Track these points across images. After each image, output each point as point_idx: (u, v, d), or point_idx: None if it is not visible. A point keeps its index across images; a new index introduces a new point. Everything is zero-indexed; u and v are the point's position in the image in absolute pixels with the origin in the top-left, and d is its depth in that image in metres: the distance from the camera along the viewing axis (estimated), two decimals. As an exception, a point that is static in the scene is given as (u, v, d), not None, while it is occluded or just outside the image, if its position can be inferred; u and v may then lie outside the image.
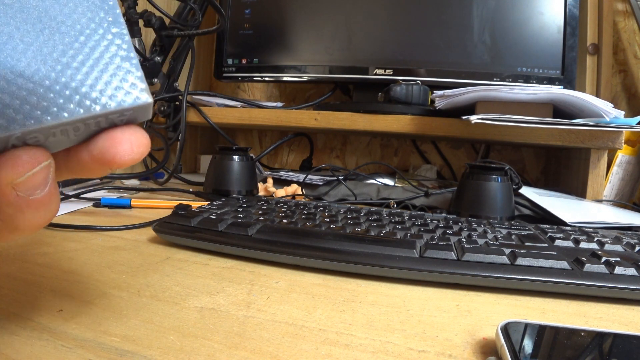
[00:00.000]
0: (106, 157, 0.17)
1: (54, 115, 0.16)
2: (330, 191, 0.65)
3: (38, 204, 0.16)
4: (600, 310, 0.27)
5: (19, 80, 0.16)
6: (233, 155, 0.61)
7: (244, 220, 0.39)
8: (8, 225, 0.17)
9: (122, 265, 0.32)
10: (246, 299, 0.27)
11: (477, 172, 0.52)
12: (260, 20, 0.86)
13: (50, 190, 0.16)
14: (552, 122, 0.54)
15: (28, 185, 0.16)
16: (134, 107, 0.17)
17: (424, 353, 0.21)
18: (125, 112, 0.17)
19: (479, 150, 0.94)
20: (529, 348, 0.19)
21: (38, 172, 0.16)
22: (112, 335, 0.22)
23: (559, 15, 0.72)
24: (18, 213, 0.16)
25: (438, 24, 0.76)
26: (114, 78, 0.17)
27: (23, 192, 0.16)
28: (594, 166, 0.63)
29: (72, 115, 0.16)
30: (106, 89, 0.16)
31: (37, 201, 0.16)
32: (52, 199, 0.17)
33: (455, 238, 0.35)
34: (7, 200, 0.16)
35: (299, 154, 1.07)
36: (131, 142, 0.17)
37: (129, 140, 0.17)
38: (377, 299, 0.28)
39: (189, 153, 1.00)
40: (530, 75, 0.73)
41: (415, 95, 0.72)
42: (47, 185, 0.16)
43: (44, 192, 0.16)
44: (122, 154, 0.17)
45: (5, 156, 0.15)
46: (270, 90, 1.09)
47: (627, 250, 0.34)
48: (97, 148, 0.17)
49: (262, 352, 0.21)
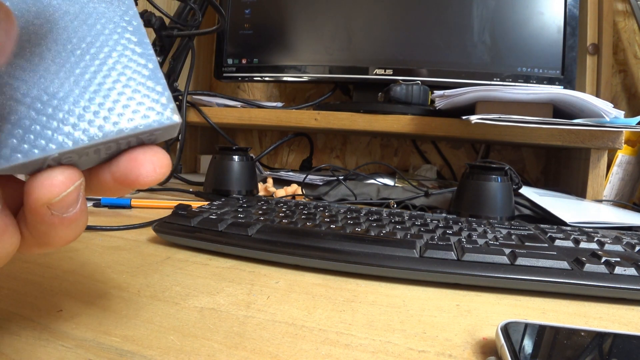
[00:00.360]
0: (130, 179, 0.17)
1: (89, 136, 0.16)
2: (330, 191, 0.65)
3: (70, 222, 0.17)
4: (600, 310, 0.27)
5: (54, 102, 0.16)
6: (233, 155, 0.61)
7: (244, 220, 0.39)
8: (39, 241, 0.17)
9: (122, 265, 0.32)
10: (246, 299, 0.27)
11: (477, 172, 0.51)
12: (260, 20, 0.86)
13: (81, 207, 0.17)
14: (552, 122, 0.54)
15: (62, 205, 0.16)
16: (163, 127, 0.17)
17: (424, 353, 0.21)
18: (155, 132, 0.17)
19: (479, 150, 0.94)
20: (529, 348, 0.19)
21: (72, 192, 0.16)
22: (112, 335, 0.22)
23: (559, 15, 0.72)
24: (51, 230, 0.17)
25: (438, 24, 0.76)
26: (145, 99, 0.17)
27: (57, 211, 0.16)
28: (594, 166, 0.63)
29: (106, 135, 0.16)
30: (138, 110, 0.17)
31: (69, 219, 0.17)
32: (83, 215, 0.17)
33: (455, 238, 0.35)
34: (42, 219, 0.16)
35: (299, 154, 1.07)
36: (153, 163, 0.17)
37: (151, 161, 0.17)
38: (377, 299, 0.28)
39: (189, 153, 1.00)
40: (530, 75, 0.73)
41: (415, 95, 0.72)
42: (79, 202, 0.17)
43: (76, 210, 0.17)
44: (145, 175, 0.17)
45: (41, 177, 0.16)
46: (270, 90, 1.09)
47: (627, 250, 0.34)
48: (120, 170, 0.17)
49: (262, 352, 0.21)
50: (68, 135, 0.16)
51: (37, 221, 0.16)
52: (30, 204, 0.16)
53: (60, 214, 0.16)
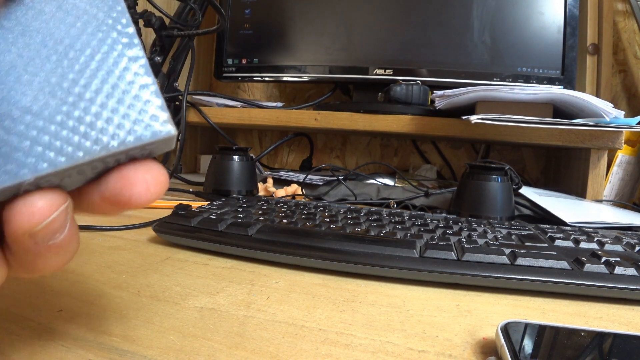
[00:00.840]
0: (121, 200, 0.15)
1: (68, 156, 0.14)
2: (330, 191, 0.65)
3: (58, 248, 0.15)
4: (600, 310, 0.27)
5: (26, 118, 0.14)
6: (233, 155, 0.61)
7: (244, 220, 0.39)
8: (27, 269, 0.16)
9: (122, 265, 0.32)
10: (246, 299, 0.27)
11: (477, 172, 0.51)
12: (260, 20, 0.86)
13: (70, 231, 0.15)
14: (552, 122, 0.54)
15: (47, 232, 0.14)
16: (155, 140, 0.15)
17: (424, 353, 0.21)
18: (147, 147, 0.15)
19: (479, 150, 0.94)
20: (529, 348, 0.19)
21: (57, 218, 0.14)
22: (112, 335, 0.22)
23: (559, 15, 0.72)
24: (37, 259, 0.15)
25: (438, 24, 0.76)
26: (133, 109, 0.15)
27: (42, 240, 0.14)
28: (594, 166, 0.63)
29: (88, 154, 0.14)
30: (124, 122, 0.14)
31: (57, 245, 0.15)
32: (73, 239, 0.15)
33: (455, 238, 0.35)
34: (25, 248, 0.14)
35: (299, 154, 1.07)
36: (146, 182, 0.15)
37: (144, 179, 0.15)
38: (377, 299, 0.28)
39: (189, 153, 1.00)
40: (530, 75, 0.73)
41: (415, 95, 0.72)
42: (66, 227, 0.15)
43: (64, 235, 0.15)
44: (137, 195, 0.15)
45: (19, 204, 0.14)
46: (270, 90, 1.09)
47: (627, 250, 0.34)
48: (109, 190, 0.15)
49: (262, 352, 0.21)
50: (43, 156, 0.14)
51: (21, 251, 0.15)
52: (10, 234, 0.14)
53: (45, 243, 0.14)
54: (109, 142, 0.14)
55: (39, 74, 0.14)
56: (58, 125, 0.14)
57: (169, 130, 0.15)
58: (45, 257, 0.15)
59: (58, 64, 0.15)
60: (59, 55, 0.15)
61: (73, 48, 0.15)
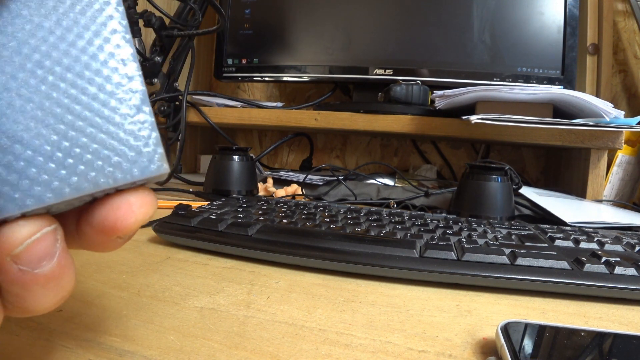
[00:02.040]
0: (107, 226, 0.14)
1: (56, 192, 0.13)
2: (330, 191, 0.65)
3: (46, 279, 0.14)
4: (600, 310, 0.27)
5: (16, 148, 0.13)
6: (233, 155, 0.61)
7: (244, 220, 0.39)
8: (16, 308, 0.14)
9: (122, 265, 0.32)
10: (246, 299, 0.27)
11: (477, 172, 0.51)
12: (260, 20, 0.86)
13: (60, 261, 0.14)
14: (552, 122, 0.54)
15: (30, 256, 0.13)
16: (147, 178, 0.14)
17: (424, 353, 0.21)
18: (137, 183, 0.14)
19: (479, 150, 0.94)
20: (529, 348, 0.19)
21: (40, 239, 0.13)
22: (112, 335, 0.22)
23: (559, 15, 0.72)
24: (24, 292, 0.14)
25: (438, 24, 0.76)
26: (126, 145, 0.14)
27: (25, 265, 0.13)
28: (594, 166, 0.63)
29: (76, 190, 0.13)
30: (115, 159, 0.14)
31: (44, 276, 0.14)
32: (64, 271, 0.14)
33: (455, 238, 0.35)
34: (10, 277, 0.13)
35: (299, 154, 1.07)
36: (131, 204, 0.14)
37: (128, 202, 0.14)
38: (377, 299, 0.28)
39: (189, 153, 1.00)
40: (530, 75, 0.73)
41: (415, 95, 0.72)
42: (55, 255, 0.14)
43: (52, 264, 0.14)
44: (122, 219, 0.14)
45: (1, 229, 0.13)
46: (270, 90, 1.09)
47: (627, 250, 0.34)
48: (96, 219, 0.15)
49: (262, 352, 0.21)
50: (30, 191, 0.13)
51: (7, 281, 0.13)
52: None
53: (30, 269, 0.13)
54: (98, 178, 0.13)
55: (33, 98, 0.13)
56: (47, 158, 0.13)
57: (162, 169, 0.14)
58: (33, 290, 0.14)
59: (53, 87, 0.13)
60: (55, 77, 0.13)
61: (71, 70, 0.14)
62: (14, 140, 0.13)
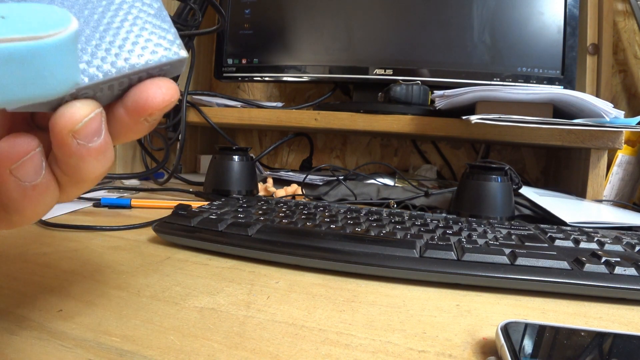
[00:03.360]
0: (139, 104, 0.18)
1: (104, 72, 0.17)
2: (330, 191, 0.65)
3: (97, 152, 0.17)
4: (600, 310, 0.27)
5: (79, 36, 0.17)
6: (233, 155, 0.61)
7: (244, 220, 0.39)
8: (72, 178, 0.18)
9: (122, 265, 0.32)
10: (246, 299, 0.27)
11: (477, 172, 0.52)
12: (260, 20, 0.86)
13: (105, 139, 0.18)
14: (552, 122, 0.54)
15: (86, 132, 0.17)
16: (172, 61, 0.18)
17: (424, 353, 0.21)
18: (164, 67, 0.18)
19: (479, 150, 0.94)
20: (529, 348, 0.19)
21: (93, 118, 0.17)
22: (112, 335, 0.22)
23: (559, 15, 0.72)
24: (80, 162, 0.17)
25: (438, 24, 0.76)
26: (153, 36, 0.18)
27: (82, 140, 0.17)
28: (594, 166, 0.63)
29: (119, 71, 0.17)
30: (147, 46, 0.18)
31: (96, 149, 0.17)
32: (108, 147, 0.18)
33: (455, 238, 0.35)
34: (70, 150, 0.17)
35: (299, 154, 1.07)
36: (160, 87, 0.18)
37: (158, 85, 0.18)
38: (377, 299, 0.28)
39: (189, 153, 1.00)
40: (530, 75, 0.73)
41: (415, 95, 0.72)
42: (102, 133, 0.17)
43: (101, 140, 0.17)
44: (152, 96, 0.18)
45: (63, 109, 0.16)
46: (270, 90, 1.09)
47: (627, 250, 0.34)
48: (130, 99, 0.18)
49: (262, 352, 0.21)
50: (84, 72, 0.16)
51: (66, 155, 0.17)
52: (56, 137, 0.16)
53: (86, 143, 0.17)
54: (135, 62, 0.17)
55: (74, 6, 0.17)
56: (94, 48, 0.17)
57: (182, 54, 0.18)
58: (86, 161, 0.17)
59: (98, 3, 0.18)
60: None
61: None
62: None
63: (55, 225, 0.42)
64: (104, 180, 0.72)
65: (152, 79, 0.18)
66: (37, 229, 0.42)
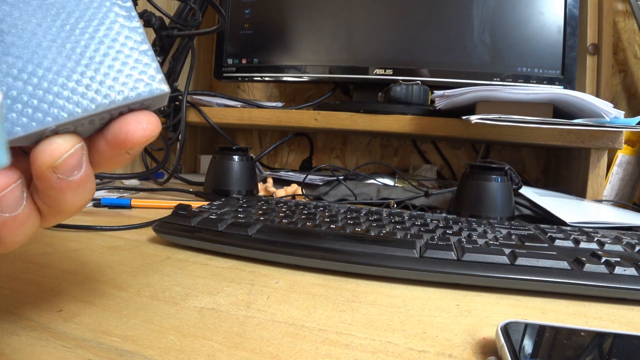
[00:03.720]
0: (120, 138, 0.18)
1: (83, 107, 0.17)
2: (330, 191, 0.65)
3: (77, 185, 0.18)
4: (600, 310, 0.27)
5: (49, 76, 0.17)
6: (233, 155, 0.61)
7: (244, 220, 0.39)
8: (52, 209, 0.18)
9: (122, 265, 0.32)
10: (246, 299, 0.27)
11: (477, 172, 0.51)
12: (260, 20, 0.86)
13: (86, 171, 0.18)
14: (552, 122, 0.54)
15: (66, 167, 0.17)
16: (153, 97, 0.18)
17: (424, 353, 0.21)
18: (145, 102, 0.18)
19: (479, 150, 0.94)
20: (529, 348, 0.19)
21: (73, 154, 0.17)
22: (112, 335, 0.22)
23: (559, 15, 0.72)
24: (60, 195, 0.18)
25: (438, 24, 0.76)
26: (134, 71, 0.18)
27: (62, 174, 0.17)
28: (594, 166, 0.63)
29: (99, 107, 0.17)
30: (128, 81, 0.18)
31: (76, 182, 0.17)
32: (89, 179, 0.18)
33: (455, 238, 0.35)
34: (50, 184, 0.17)
35: (299, 154, 1.07)
36: (141, 121, 0.18)
37: (139, 120, 0.18)
38: (377, 299, 0.28)
39: (189, 153, 1.00)
40: (530, 75, 0.73)
41: (415, 95, 0.72)
42: (83, 167, 0.18)
43: (81, 173, 0.18)
44: (133, 130, 0.18)
45: (43, 144, 0.17)
46: (270, 90, 1.09)
47: (627, 250, 0.34)
48: (110, 134, 0.18)
49: (262, 352, 0.21)
50: (63, 108, 0.17)
51: (47, 187, 0.17)
52: (37, 171, 0.17)
53: (66, 177, 0.17)
54: (115, 97, 0.17)
55: (56, 40, 0.17)
56: (75, 83, 0.17)
57: (164, 89, 0.18)
58: (66, 193, 0.18)
59: (71, 32, 0.18)
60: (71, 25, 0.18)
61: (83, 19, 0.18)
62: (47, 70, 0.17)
63: (55, 225, 0.42)
64: (104, 180, 0.72)
65: (134, 113, 0.18)
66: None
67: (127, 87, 0.18)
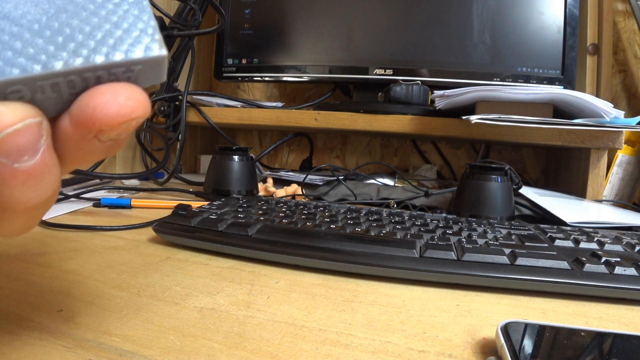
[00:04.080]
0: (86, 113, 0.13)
1: (43, 64, 0.12)
2: (330, 191, 0.65)
3: (26, 176, 0.13)
4: (600, 310, 0.27)
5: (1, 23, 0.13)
6: (233, 155, 0.61)
7: (244, 220, 0.39)
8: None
9: (122, 265, 0.32)
10: (246, 299, 0.27)
11: (477, 172, 0.51)
12: (260, 20, 0.86)
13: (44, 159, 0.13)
14: (552, 122, 0.54)
15: (10, 147, 0.12)
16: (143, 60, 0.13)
17: (424, 353, 0.21)
18: (133, 67, 0.14)
19: (479, 150, 0.94)
20: (529, 348, 0.19)
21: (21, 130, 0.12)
22: (112, 335, 0.22)
23: (559, 15, 0.72)
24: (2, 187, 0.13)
25: (438, 24, 0.76)
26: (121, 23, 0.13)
27: (4, 157, 0.12)
28: (594, 166, 0.63)
29: (66, 65, 0.13)
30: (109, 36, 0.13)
31: (24, 172, 0.12)
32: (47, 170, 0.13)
33: (455, 238, 0.35)
34: None
35: (299, 154, 1.07)
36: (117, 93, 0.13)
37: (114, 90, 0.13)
38: (377, 299, 0.28)
39: (189, 153, 1.00)
40: (530, 75, 0.73)
41: (415, 95, 0.72)
42: (38, 151, 0.13)
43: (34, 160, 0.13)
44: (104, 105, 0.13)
45: None
46: (270, 90, 1.09)
47: (627, 250, 0.34)
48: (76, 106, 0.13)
49: (262, 352, 0.21)
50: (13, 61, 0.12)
51: None
52: None
53: (9, 163, 0.12)
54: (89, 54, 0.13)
55: None
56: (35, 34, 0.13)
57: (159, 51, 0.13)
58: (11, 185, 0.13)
59: None
60: None
61: None
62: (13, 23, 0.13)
63: (55, 225, 0.42)
64: (104, 180, 0.72)
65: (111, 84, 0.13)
66: (37, 229, 0.42)
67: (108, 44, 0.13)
